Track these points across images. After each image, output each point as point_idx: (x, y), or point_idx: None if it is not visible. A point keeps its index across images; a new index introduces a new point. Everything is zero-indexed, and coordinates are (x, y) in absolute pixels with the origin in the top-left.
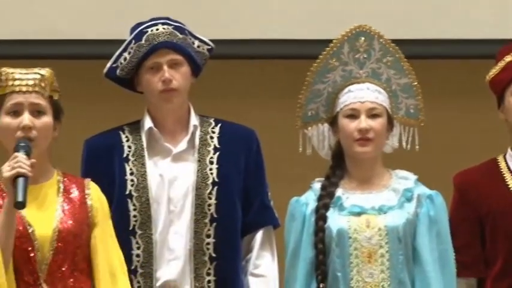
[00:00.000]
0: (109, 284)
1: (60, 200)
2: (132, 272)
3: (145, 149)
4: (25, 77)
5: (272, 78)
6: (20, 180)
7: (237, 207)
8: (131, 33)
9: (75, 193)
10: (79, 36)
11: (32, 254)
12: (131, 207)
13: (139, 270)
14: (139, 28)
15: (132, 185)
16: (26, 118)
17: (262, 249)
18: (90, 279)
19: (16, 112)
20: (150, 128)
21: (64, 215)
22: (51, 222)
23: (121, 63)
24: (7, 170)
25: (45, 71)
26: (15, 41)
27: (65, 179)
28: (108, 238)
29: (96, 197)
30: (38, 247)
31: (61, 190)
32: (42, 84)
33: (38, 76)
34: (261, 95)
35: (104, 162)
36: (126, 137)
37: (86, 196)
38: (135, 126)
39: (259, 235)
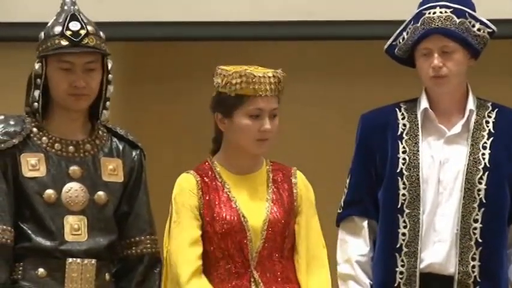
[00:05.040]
0: (304, 271)
1: (270, 190)
2: (396, 251)
3: (419, 129)
4: (267, 81)
5: None
6: None
7: (507, 194)
8: (418, 8)
9: (283, 182)
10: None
11: (245, 244)
12: (401, 186)
13: (404, 249)
14: (420, 9)
15: (403, 164)
16: (267, 123)
17: None
18: None
19: (257, 116)
20: (425, 109)
21: (273, 205)
22: (262, 213)
23: (399, 43)
24: None
25: (280, 73)
26: (263, 23)
27: (273, 168)
28: (311, 226)
29: (302, 185)
30: (250, 237)
31: (270, 180)
32: (280, 88)
33: (277, 80)
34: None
35: (378, 138)
36: (402, 114)
37: (293, 185)
38: (412, 105)
39: None
